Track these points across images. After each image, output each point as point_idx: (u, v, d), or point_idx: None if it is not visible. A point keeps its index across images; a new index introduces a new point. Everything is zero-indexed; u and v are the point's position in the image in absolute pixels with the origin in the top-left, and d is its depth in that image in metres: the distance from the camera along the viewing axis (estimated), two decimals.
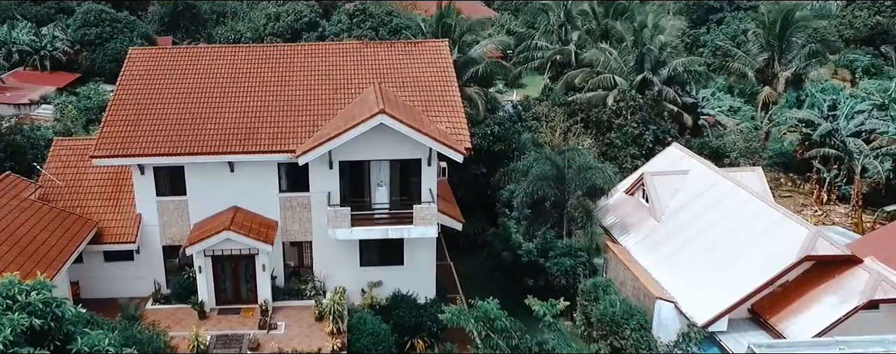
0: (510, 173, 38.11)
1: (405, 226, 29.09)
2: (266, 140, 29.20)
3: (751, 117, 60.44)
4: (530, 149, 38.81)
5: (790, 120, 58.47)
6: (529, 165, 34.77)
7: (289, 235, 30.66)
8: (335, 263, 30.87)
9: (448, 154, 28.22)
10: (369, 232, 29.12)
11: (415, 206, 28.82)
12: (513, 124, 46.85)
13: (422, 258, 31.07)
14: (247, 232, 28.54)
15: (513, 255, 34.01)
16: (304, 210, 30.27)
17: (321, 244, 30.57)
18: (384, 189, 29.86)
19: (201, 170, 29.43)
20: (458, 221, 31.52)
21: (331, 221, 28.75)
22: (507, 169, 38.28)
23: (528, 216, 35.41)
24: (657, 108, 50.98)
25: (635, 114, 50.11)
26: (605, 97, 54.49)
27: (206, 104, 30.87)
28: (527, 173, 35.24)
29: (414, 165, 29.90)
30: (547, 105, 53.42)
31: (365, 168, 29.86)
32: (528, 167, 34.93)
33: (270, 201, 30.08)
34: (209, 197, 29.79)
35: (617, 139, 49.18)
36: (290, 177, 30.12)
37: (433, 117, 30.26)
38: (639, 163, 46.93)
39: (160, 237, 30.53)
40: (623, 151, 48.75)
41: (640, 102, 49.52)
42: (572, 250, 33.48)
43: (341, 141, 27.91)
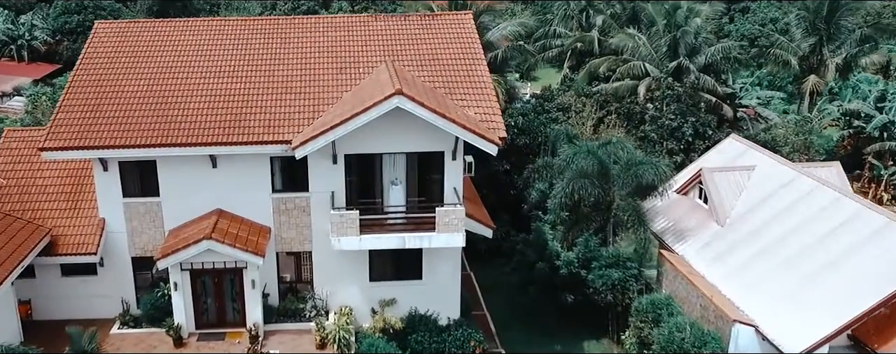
0: (541, 170, 32.84)
1: (426, 234, 23.81)
2: (256, 128, 23.92)
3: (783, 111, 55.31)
4: (563, 143, 33.51)
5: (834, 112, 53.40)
6: (567, 161, 29.52)
7: (284, 244, 25.41)
8: (340, 278, 25.62)
9: (479, 145, 22.94)
10: (382, 240, 23.84)
11: (438, 209, 23.55)
12: (536, 116, 41.64)
13: (444, 271, 25.81)
14: (232, 241, 23.27)
15: (549, 266, 28.75)
16: (302, 214, 25.00)
17: (323, 255, 25.32)
18: (399, 188, 24.58)
19: (177, 165, 24.18)
20: (488, 227, 26.26)
21: (335, 228, 23.50)
22: (537, 165, 33.00)
23: (565, 220, 30.16)
24: (694, 99, 45.81)
25: (671, 105, 44.97)
26: (635, 87, 49.43)
27: (183, 85, 25.59)
28: (564, 170, 29.99)
29: (435, 159, 24.63)
30: (571, 95, 48.18)
31: (376, 163, 24.60)
32: (565, 163, 29.68)
33: (261, 203, 24.83)
34: (187, 198, 24.54)
35: (652, 132, 43.99)
36: (285, 174, 24.87)
37: (458, 101, 24.97)
38: (677, 160, 41.84)
39: (128, 246, 25.25)
40: (659, 146, 43.61)
41: (679, 91, 44.30)
42: (620, 260, 28.23)
43: (348, 129, 22.64)
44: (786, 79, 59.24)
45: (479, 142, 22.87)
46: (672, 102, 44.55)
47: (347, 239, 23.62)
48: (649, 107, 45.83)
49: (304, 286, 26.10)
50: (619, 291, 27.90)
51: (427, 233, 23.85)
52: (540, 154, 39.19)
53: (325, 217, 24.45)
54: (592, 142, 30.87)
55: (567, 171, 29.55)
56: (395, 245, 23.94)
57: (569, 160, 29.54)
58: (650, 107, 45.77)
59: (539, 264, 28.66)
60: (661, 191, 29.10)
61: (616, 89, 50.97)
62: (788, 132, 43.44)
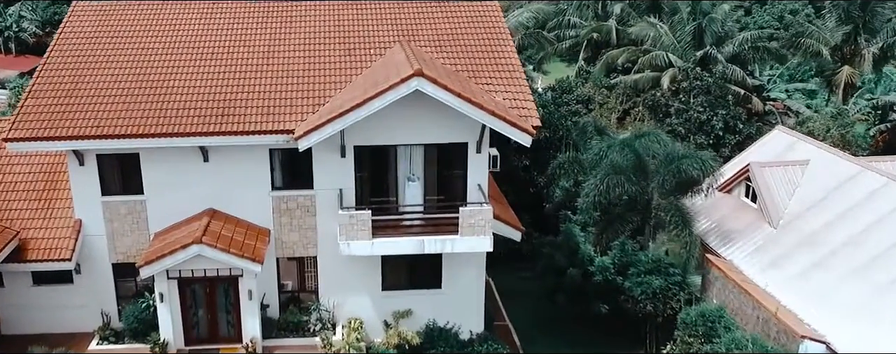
0: (567, 166, 29.83)
1: (448, 237, 20.79)
2: (253, 116, 20.89)
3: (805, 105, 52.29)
4: (591, 136, 30.52)
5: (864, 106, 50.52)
6: (600, 155, 26.50)
7: (285, 248, 22.39)
8: (349, 286, 22.62)
9: (510, 134, 19.92)
10: (398, 245, 20.83)
11: (462, 209, 20.53)
12: (556, 108, 38.64)
13: (467, 279, 22.81)
14: (226, 245, 20.25)
15: (581, 272, 25.73)
16: (306, 214, 21.99)
17: (330, 260, 22.32)
18: (417, 185, 21.58)
19: (163, 158, 21.16)
20: (517, 229, 23.24)
21: (344, 230, 20.49)
22: (562, 160, 29.99)
23: (597, 220, 27.14)
24: (722, 90, 42.82)
25: (698, 97, 41.96)
26: (657, 78, 46.50)
27: (171, 68, 22.56)
28: (596, 165, 26.97)
29: (458, 152, 21.63)
30: (591, 87, 45.21)
31: (390, 156, 21.60)
32: (598, 157, 26.65)
33: (260, 202, 21.82)
34: (175, 196, 21.52)
35: (679, 126, 40.99)
36: (286, 169, 21.87)
37: (483, 86, 21.95)
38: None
39: (108, 251, 22.21)
40: (687, 140, 40.59)
41: (709, 82, 41.28)
42: (661, 265, 25.22)
43: (358, 116, 19.63)
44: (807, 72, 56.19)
45: (510, 132, 19.85)
46: (700, 94, 41.53)
47: (358, 243, 20.62)
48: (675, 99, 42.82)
49: (308, 295, 23.08)
50: (660, 300, 24.91)
51: (449, 237, 20.84)
52: (561, 148, 36.24)
53: (333, 218, 21.45)
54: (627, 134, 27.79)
55: (599, 167, 26.53)
56: (412, 249, 20.93)
57: (601, 154, 26.52)
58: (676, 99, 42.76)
59: (571, 270, 25.62)
60: (706, 188, 26.09)
61: (636, 81, 48.10)
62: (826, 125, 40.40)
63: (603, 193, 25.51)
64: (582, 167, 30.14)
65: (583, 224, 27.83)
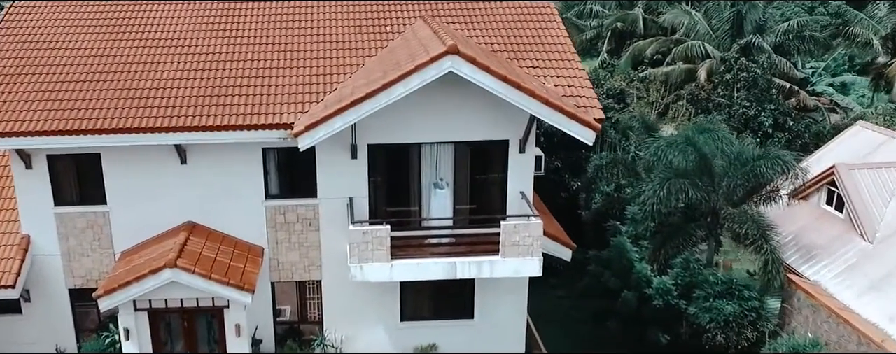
0: (610, 168, 25.61)
1: (486, 258, 16.59)
2: (242, 107, 16.68)
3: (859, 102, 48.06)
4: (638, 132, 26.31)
5: None
6: (658, 154, 22.24)
7: (283, 271, 18.21)
8: (360, 316, 18.47)
9: (569, 128, 15.71)
10: (423, 268, 16.61)
11: (504, 224, 16.31)
12: None
13: (506, 307, 18.66)
14: (207, 270, 16.04)
15: (636, 294, 21.51)
16: (307, 229, 17.81)
17: (337, 285, 18.17)
18: (445, 193, 17.39)
19: (131, 160, 17.00)
20: (567, 246, 19.02)
21: (355, 249, 16.29)
22: (606, 162, 25.76)
23: (654, 233, 22.87)
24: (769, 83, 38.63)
25: (741, 91, 37.77)
26: (691, 71, 42.30)
27: (142, 50, 18.38)
28: (651, 167, 22.72)
29: (496, 152, 17.48)
30: (622, 80, 41.04)
31: (413, 157, 17.45)
32: (655, 157, 22.39)
33: (251, 214, 17.65)
34: (146, 207, 17.36)
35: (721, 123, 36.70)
36: (284, 173, 17.73)
37: (527, 70, 17.72)
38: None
39: (65, 275, 18.02)
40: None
41: (757, 73, 37.03)
42: (734, 288, 20.99)
43: (375, 105, 15.45)
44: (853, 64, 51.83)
45: (568, 126, 15.65)
46: (745, 87, 37.31)
47: (373, 266, 16.41)
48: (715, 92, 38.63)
49: (310, 327, 18.91)
50: (733, 330, 20.68)
51: (487, 258, 16.63)
52: (595, 148, 31.99)
53: (341, 233, 17.30)
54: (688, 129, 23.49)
55: (656, 169, 22.28)
56: (441, 274, 16.72)
57: (659, 154, 22.25)
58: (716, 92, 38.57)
59: (625, 293, 21.37)
60: (790, 195, 21.81)
61: (667, 74, 43.96)
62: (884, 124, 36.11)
63: (664, 200, 21.25)
64: (628, 169, 25.91)
65: (633, 236, 23.58)
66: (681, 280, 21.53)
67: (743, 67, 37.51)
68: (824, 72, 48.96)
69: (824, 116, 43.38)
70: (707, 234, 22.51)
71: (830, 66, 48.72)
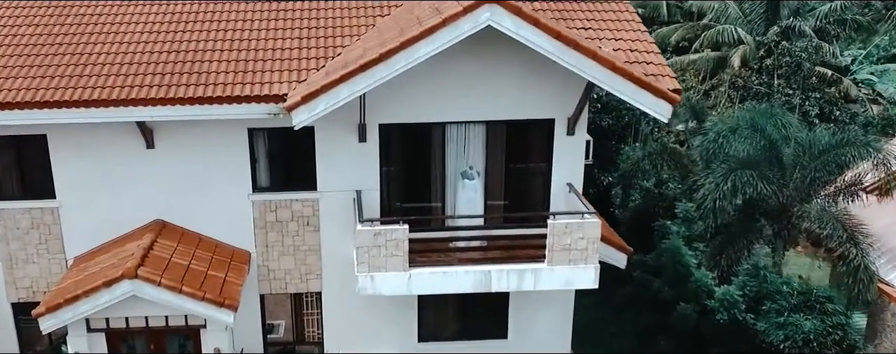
0: (653, 159, 22.25)
1: (530, 266, 13.17)
2: (223, 75, 13.25)
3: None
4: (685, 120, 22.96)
5: None
6: (718, 141, 18.84)
7: (274, 281, 14.81)
8: (369, 335, 15.10)
9: (640, 101, 12.31)
10: (450, 279, 13.17)
11: (552, 222, 12.90)
12: None
13: (546, 326, 15.32)
14: (176, 281, 12.65)
15: (694, 306, 18.11)
16: (304, 228, 14.42)
17: (340, 299, 14.80)
18: (476, 184, 13.98)
19: (86, 143, 13.63)
20: (623, 251, 15.56)
21: (364, 254, 12.87)
22: (649, 151, 22.39)
23: (713, 233, 19.41)
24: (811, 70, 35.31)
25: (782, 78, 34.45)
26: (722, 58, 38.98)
27: (96, 9, 14.95)
28: (710, 157, 19.31)
29: (539, 134, 14.12)
30: None
31: (435, 141, 14.07)
32: (714, 145, 18.99)
33: (235, 210, 14.26)
34: (105, 202, 13.99)
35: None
36: (275, 161, 14.36)
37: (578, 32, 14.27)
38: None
39: (5, 285, 14.61)
40: None
41: (801, 57, 33.66)
42: (814, 299, 17.60)
43: (391, 70, 12.07)
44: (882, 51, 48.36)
45: (638, 97, 12.25)
46: (788, 74, 33.94)
47: (387, 276, 12.99)
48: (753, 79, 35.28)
49: (308, 349, 15.52)
50: (814, 350, 17.27)
51: (530, 265, 13.21)
52: (627, 138, 28.75)
53: (346, 235, 13.96)
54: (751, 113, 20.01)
55: (717, 159, 18.87)
56: (472, 287, 13.29)
57: (719, 141, 18.85)
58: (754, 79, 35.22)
59: (682, 306, 17.96)
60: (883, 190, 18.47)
61: (695, 62, 40.67)
62: None
63: (727, 196, 17.84)
64: (674, 161, 22.55)
65: (686, 238, 20.15)
66: (748, 290, 18.12)
67: (785, 51, 34.12)
68: (865, 60, 45.53)
69: (867, 107, 40.09)
70: (774, 235, 19.12)
71: (873, 53, 45.31)
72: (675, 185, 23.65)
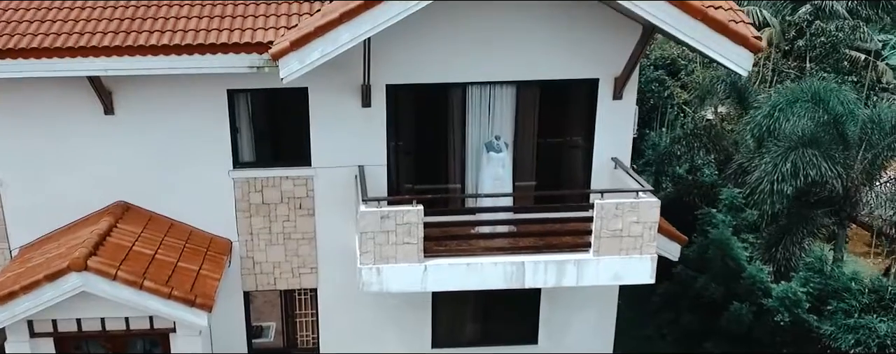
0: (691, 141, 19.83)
1: (571, 257, 10.74)
2: (194, 21, 10.77)
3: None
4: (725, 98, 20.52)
5: None
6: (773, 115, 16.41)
7: (261, 275, 12.37)
8: (372, 341, 12.70)
9: (716, 50, 9.86)
10: (474, 273, 10.72)
11: (600, 202, 10.47)
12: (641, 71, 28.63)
13: (584, 329, 12.90)
14: (138, 274, 10.21)
15: (748, 306, 15.65)
16: (296, 212, 11.99)
17: (339, 296, 12.39)
18: (503, 158, 11.52)
19: (30, 107, 11.18)
20: (677, 240, 13.08)
21: (368, 243, 10.43)
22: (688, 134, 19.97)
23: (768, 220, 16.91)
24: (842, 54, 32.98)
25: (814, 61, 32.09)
26: None
27: None
28: (765, 136, 16.86)
29: (578, 98, 11.74)
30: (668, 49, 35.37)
31: (453, 105, 11.66)
32: (768, 119, 16.55)
33: (212, 191, 11.83)
34: (55, 179, 11.56)
35: None
36: (262, 131, 11.94)
37: None
38: None
39: None
40: None
41: (837, 38, 31.28)
42: (888, 298, 15.16)
43: (403, 9, 9.57)
44: None
45: (715, 44, 9.78)
46: (821, 56, 31.56)
47: (397, 269, 10.56)
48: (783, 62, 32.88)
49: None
50: None
51: (572, 256, 10.77)
52: (653, 123, 26.41)
53: (346, 220, 11.55)
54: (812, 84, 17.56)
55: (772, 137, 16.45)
56: (501, 282, 10.85)
57: (776, 115, 16.41)
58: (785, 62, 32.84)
59: (735, 306, 15.51)
60: None
61: None
62: None
63: (787, 178, 15.41)
64: (715, 142, 20.14)
65: (732, 227, 17.65)
66: (812, 287, 15.66)
67: (819, 31, 31.71)
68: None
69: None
70: (837, 224, 16.69)
71: None
72: (710, 171, 21.25)
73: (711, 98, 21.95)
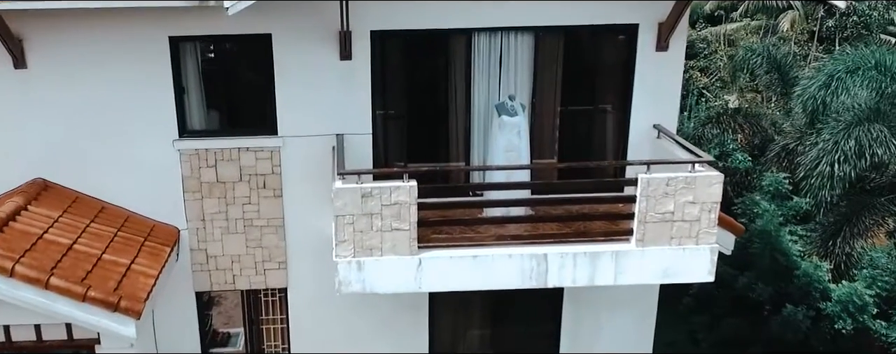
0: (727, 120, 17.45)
1: (607, 248, 8.36)
2: None
3: None
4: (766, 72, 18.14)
5: None
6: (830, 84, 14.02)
7: (216, 272, 9.96)
8: (355, 350, 10.21)
9: None
10: (482, 268, 8.34)
11: (644, 177, 8.08)
12: None
13: (616, 336, 10.45)
14: (42, 270, 7.79)
15: (804, 310, 13.27)
16: (258, 192, 9.58)
17: (314, 297, 9.99)
18: (518, 123, 9.07)
19: None
20: (733, 231, 10.59)
21: (346, 229, 8.05)
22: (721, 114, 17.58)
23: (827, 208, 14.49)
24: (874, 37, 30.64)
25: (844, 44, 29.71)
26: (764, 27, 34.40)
27: None
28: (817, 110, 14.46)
29: (612, 51, 9.35)
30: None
31: (455, 58, 9.26)
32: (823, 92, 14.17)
33: (153, 165, 9.41)
34: None
35: None
36: (215, 91, 9.51)
37: None
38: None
39: None
40: None
41: (870, 18, 28.91)
42: None
43: None
44: None
45: None
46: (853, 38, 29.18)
47: (384, 263, 8.17)
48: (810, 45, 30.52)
49: None
50: None
51: (607, 247, 8.39)
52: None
53: (322, 202, 9.16)
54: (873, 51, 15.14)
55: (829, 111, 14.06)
56: (516, 280, 8.45)
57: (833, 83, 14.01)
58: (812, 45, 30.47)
59: (788, 309, 13.11)
60: None
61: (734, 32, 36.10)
62: None
63: (850, 159, 13.02)
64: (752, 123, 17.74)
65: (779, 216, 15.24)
66: (878, 288, 13.26)
67: (852, 11, 29.30)
68: None
69: None
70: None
71: None
72: (743, 157, 18.87)
73: (744, 74, 19.45)
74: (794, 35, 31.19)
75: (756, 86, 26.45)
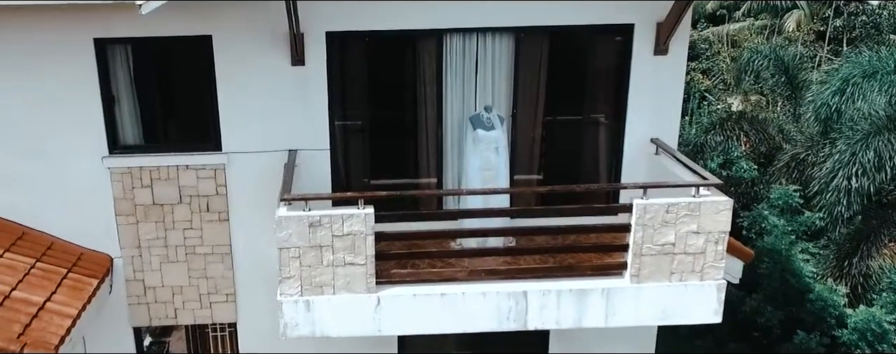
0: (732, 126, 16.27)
1: (597, 283, 7.18)
2: None
3: None
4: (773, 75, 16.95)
5: None
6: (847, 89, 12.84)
7: (155, 306, 8.79)
8: None
9: None
10: (452, 308, 7.17)
11: (639, 202, 6.90)
12: None
13: None
14: None
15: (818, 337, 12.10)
16: (201, 216, 8.40)
17: (267, 332, 8.71)
18: (496, 137, 7.89)
19: None
20: (741, 256, 9.41)
21: (292, 264, 6.87)
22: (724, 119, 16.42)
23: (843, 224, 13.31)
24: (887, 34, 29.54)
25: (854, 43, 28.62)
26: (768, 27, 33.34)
27: None
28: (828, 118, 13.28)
29: (604, 55, 8.16)
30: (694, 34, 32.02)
31: (424, 64, 8.08)
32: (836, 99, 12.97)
33: (81, 186, 8.25)
34: None
35: None
36: (147, 100, 8.33)
37: None
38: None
39: None
40: None
41: (880, 17, 27.77)
42: None
43: None
44: None
45: None
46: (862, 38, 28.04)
47: (334, 302, 7.00)
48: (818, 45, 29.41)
49: None
50: None
51: (597, 282, 7.21)
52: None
53: (272, 226, 7.91)
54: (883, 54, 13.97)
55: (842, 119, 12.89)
56: (492, 321, 7.28)
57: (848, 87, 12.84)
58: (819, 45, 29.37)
59: (801, 336, 11.94)
60: None
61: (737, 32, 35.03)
62: None
63: (868, 171, 11.84)
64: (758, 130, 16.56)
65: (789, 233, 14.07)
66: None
67: (860, 10, 28.16)
68: None
69: None
70: None
71: None
72: (748, 166, 17.69)
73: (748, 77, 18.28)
74: (801, 35, 30.06)
75: (761, 89, 25.31)
